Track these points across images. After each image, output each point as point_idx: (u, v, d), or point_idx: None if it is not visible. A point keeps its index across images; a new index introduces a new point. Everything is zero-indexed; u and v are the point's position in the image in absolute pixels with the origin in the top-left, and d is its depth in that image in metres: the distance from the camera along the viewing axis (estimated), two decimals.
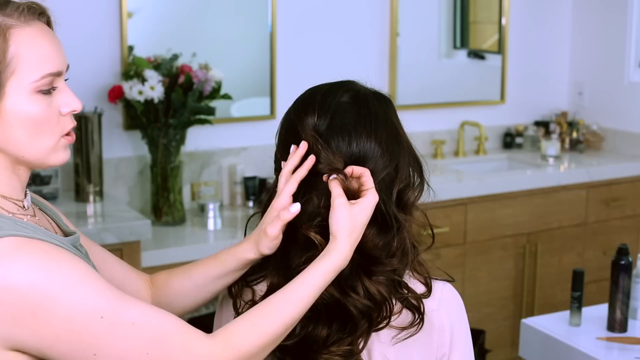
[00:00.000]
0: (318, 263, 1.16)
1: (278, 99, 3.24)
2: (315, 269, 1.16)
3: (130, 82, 2.73)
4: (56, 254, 1.05)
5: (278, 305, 1.14)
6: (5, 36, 1.07)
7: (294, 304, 1.14)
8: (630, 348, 2.01)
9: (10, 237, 1.04)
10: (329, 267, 1.16)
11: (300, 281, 1.16)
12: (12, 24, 1.08)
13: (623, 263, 2.09)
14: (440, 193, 1.43)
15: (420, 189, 1.28)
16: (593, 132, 3.90)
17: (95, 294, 1.04)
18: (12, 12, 1.09)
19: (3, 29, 1.07)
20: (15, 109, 1.08)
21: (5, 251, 1.02)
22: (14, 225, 1.07)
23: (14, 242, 1.03)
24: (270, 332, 1.12)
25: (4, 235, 1.04)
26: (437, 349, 1.27)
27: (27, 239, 1.05)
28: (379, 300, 1.22)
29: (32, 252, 1.03)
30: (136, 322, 1.05)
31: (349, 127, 1.23)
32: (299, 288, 1.15)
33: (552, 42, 4.02)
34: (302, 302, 1.14)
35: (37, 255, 1.03)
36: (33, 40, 1.09)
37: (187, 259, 2.66)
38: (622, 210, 3.63)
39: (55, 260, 1.04)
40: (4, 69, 1.07)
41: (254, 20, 3.23)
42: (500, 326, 3.41)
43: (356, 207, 1.18)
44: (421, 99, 3.71)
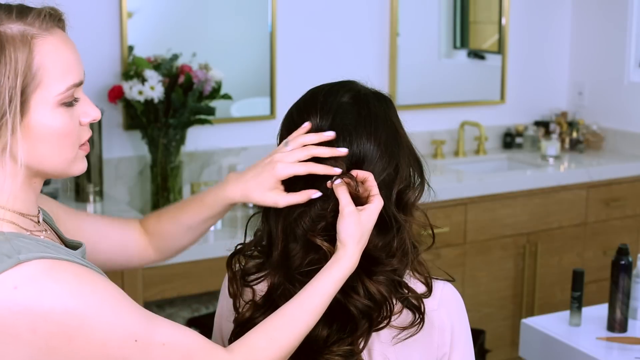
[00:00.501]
0: (328, 271, 1.17)
1: (278, 99, 3.24)
2: (326, 277, 1.17)
3: (130, 82, 2.73)
4: (87, 276, 1.02)
5: (293, 316, 1.14)
6: (30, 47, 1.03)
7: (308, 314, 1.15)
8: (630, 348, 2.01)
9: (38, 260, 1.00)
10: (339, 275, 1.17)
11: (311, 290, 1.16)
12: (35, 33, 1.04)
13: (623, 263, 2.09)
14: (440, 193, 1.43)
15: (420, 189, 1.29)
16: (593, 132, 3.90)
17: (129, 318, 1.03)
18: (34, 21, 1.04)
19: (27, 38, 1.03)
20: (40, 123, 1.04)
21: (36, 275, 0.98)
22: (37, 245, 1.03)
23: (44, 265, 0.99)
24: (287, 344, 1.13)
25: (32, 257, 0.99)
26: (438, 349, 1.27)
27: (55, 260, 1.01)
28: (379, 300, 1.22)
29: (64, 276, 1.00)
30: (166, 343, 1.05)
31: (350, 127, 1.23)
32: (312, 297, 1.16)
33: (552, 42, 4.02)
34: (315, 311, 1.16)
35: (69, 279, 1.00)
36: (56, 50, 1.05)
37: (187, 259, 2.67)
38: (622, 210, 3.63)
39: (89, 284, 1.01)
40: (29, 82, 1.02)
41: (254, 20, 3.23)
42: (500, 326, 3.41)
43: (363, 213, 1.19)
44: (421, 99, 3.71)
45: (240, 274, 1.31)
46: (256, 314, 1.26)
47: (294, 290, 1.22)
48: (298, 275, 1.22)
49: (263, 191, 1.24)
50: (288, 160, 1.23)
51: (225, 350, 1.11)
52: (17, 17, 1.04)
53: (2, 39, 1.01)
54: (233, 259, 1.33)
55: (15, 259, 0.98)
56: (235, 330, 1.28)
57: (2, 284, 0.97)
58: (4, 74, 1.01)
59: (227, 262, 1.33)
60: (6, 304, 0.96)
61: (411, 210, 1.26)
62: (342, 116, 1.24)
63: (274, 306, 1.24)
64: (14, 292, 0.96)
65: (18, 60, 1.01)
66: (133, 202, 3.01)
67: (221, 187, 1.33)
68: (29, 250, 1.00)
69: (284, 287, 1.23)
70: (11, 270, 0.97)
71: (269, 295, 1.26)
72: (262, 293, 1.28)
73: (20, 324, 0.96)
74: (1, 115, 1.01)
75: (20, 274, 0.97)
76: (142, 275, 2.56)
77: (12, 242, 1.01)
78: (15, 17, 1.03)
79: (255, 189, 1.26)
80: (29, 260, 0.99)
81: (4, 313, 0.96)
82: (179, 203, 1.43)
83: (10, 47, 1.01)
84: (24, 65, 1.02)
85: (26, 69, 1.02)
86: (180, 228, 1.39)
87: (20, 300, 0.96)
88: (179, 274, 2.68)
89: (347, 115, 1.24)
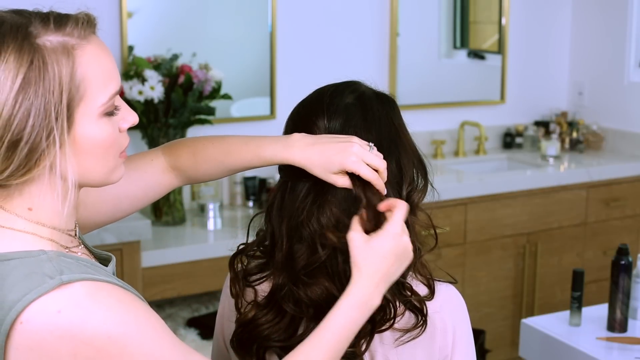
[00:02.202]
0: (338, 302, 1.13)
1: (278, 99, 3.24)
2: (337, 310, 1.13)
3: (130, 82, 2.73)
4: (130, 302, 1.00)
5: (306, 357, 1.10)
6: (73, 58, 0.98)
7: (322, 351, 1.10)
8: (630, 348, 2.01)
9: (81, 282, 0.97)
10: (349, 304, 1.12)
11: (324, 326, 1.12)
12: (75, 44, 0.99)
13: (623, 263, 2.09)
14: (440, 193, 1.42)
15: (424, 190, 1.28)
16: (593, 132, 3.90)
17: (167, 351, 1.01)
18: (72, 30, 1.00)
19: (69, 50, 0.98)
20: (85, 137, 1.00)
21: (79, 299, 0.95)
22: (77, 265, 1.00)
23: (87, 289, 0.97)
24: None
25: (75, 279, 0.97)
26: (440, 351, 1.27)
27: (98, 283, 0.98)
28: (382, 303, 1.21)
29: (108, 301, 0.97)
30: None
31: (356, 129, 1.23)
32: (324, 333, 1.11)
33: (552, 42, 4.02)
34: (329, 346, 1.11)
35: (113, 305, 0.97)
36: (96, 59, 1.01)
37: (187, 259, 2.67)
38: (622, 210, 3.63)
39: (133, 312, 0.99)
40: (74, 96, 0.98)
41: (254, 20, 3.23)
42: (500, 326, 3.41)
43: (374, 238, 1.15)
44: (421, 99, 3.71)
45: (242, 274, 1.31)
46: (258, 314, 1.26)
47: (298, 292, 1.22)
48: (302, 276, 1.22)
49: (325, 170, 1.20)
50: (364, 158, 1.19)
51: None
52: (56, 28, 0.99)
53: (44, 54, 0.97)
54: (235, 259, 1.33)
55: (58, 280, 0.96)
56: (238, 331, 1.28)
57: (45, 306, 0.95)
58: (49, 90, 0.96)
59: (229, 262, 1.33)
60: (49, 328, 0.94)
61: (415, 212, 1.26)
62: (348, 118, 1.24)
63: (277, 307, 1.24)
64: (58, 316, 0.94)
65: (62, 74, 0.97)
66: None
67: (285, 145, 1.24)
68: (71, 270, 0.98)
69: (288, 288, 1.23)
70: (54, 292, 0.95)
71: (272, 296, 1.26)
72: (264, 293, 1.28)
73: (61, 347, 0.95)
74: (48, 133, 0.97)
75: (63, 297, 0.95)
76: (142, 275, 2.57)
77: (54, 262, 0.98)
78: (53, 28, 0.99)
79: (318, 165, 1.20)
80: (71, 282, 0.96)
81: (46, 336, 0.94)
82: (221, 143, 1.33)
83: (52, 61, 0.97)
84: (68, 78, 0.98)
85: (70, 83, 0.98)
86: (220, 170, 1.33)
87: (64, 325, 0.94)
88: (179, 274, 2.68)
89: (352, 117, 1.24)
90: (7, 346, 0.96)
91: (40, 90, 0.96)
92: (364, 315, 1.13)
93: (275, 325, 1.25)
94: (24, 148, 0.97)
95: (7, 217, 1.02)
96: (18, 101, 0.95)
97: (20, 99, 0.95)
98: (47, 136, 0.97)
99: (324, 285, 1.21)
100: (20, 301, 0.94)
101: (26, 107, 0.96)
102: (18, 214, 1.02)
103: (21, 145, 0.96)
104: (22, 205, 1.02)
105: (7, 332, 0.95)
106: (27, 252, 0.99)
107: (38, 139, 0.97)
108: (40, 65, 0.96)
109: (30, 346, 0.95)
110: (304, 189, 1.23)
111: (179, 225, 2.88)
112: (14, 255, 0.99)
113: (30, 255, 0.99)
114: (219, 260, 2.66)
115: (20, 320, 0.94)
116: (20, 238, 1.01)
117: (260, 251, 1.32)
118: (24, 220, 1.02)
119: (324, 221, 1.21)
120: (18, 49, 0.96)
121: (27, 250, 0.99)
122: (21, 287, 0.95)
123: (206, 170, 1.34)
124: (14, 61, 0.96)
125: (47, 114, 0.96)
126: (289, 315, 1.24)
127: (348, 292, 1.13)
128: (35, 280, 0.96)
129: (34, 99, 0.96)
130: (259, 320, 1.25)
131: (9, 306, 0.95)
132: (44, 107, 0.96)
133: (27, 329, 0.94)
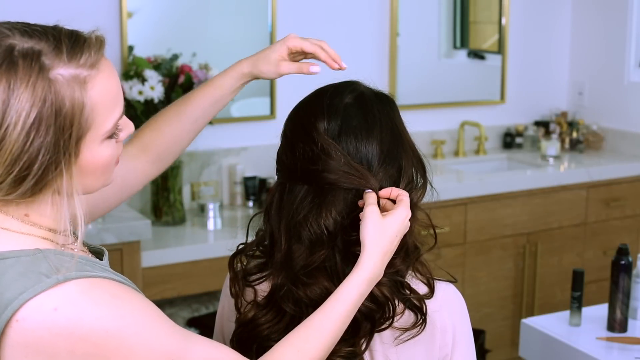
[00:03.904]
0: (350, 276, 1.17)
1: (278, 99, 3.24)
2: (349, 283, 1.16)
3: (130, 82, 2.73)
4: (125, 295, 1.02)
5: (318, 327, 1.13)
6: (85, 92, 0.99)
7: (333, 322, 1.14)
8: (630, 348, 2.01)
9: (77, 280, 0.98)
10: (361, 279, 1.16)
11: (336, 298, 1.15)
12: (87, 75, 1.00)
13: (623, 263, 2.09)
14: (440, 193, 1.42)
15: (423, 189, 1.29)
16: (593, 132, 3.90)
17: (165, 338, 1.02)
18: (86, 61, 1.00)
19: (81, 83, 0.99)
20: (89, 161, 1.02)
21: (75, 297, 0.97)
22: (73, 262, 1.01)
23: (83, 286, 0.98)
24: (315, 355, 1.12)
25: (71, 277, 0.98)
26: (439, 350, 1.27)
27: (93, 279, 1.00)
28: (382, 302, 1.22)
29: (103, 297, 0.99)
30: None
31: (355, 130, 1.23)
32: (336, 305, 1.15)
33: (552, 42, 4.02)
34: (341, 318, 1.15)
35: (108, 300, 0.99)
36: (106, 86, 1.02)
37: (187, 259, 2.67)
38: (622, 210, 3.63)
39: (128, 305, 1.00)
40: (83, 128, 0.99)
41: (254, 20, 3.23)
42: (500, 326, 3.41)
43: (387, 218, 1.19)
44: (421, 99, 3.71)
45: (242, 274, 1.31)
46: (258, 314, 1.26)
47: (297, 292, 1.22)
48: (302, 276, 1.22)
49: (269, 60, 1.37)
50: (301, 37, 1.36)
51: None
52: (69, 59, 0.99)
53: (57, 89, 0.97)
54: (235, 259, 1.33)
55: (55, 279, 0.97)
56: (237, 331, 1.28)
57: (42, 305, 0.95)
58: (60, 128, 0.97)
59: (229, 262, 1.33)
60: (46, 325, 0.95)
61: (414, 211, 1.26)
62: (348, 119, 1.24)
63: (277, 307, 1.24)
64: (54, 314, 0.95)
65: (74, 110, 0.98)
66: (133, 202, 3.01)
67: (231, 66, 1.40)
68: (66, 269, 0.99)
69: (287, 288, 1.23)
70: (50, 290, 0.96)
71: (272, 296, 1.26)
72: (264, 293, 1.28)
73: (59, 344, 0.96)
74: (56, 166, 0.98)
75: (59, 295, 0.96)
76: (142, 275, 2.57)
77: (50, 260, 0.99)
78: (66, 59, 0.99)
79: (263, 58, 1.38)
80: (67, 280, 0.98)
81: (43, 334, 0.95)
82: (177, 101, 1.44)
83: (65, 97, 0.97)
84: (79, 114, 0.99)
85: (79, 117, 0.99)
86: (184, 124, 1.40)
87: (60, 322, 0.95)
88: (179, 274, 2.68)
89: (352, 118, 1.24)
90: (3, 344, 0.96)
91: (52, 128, 0.97)
92: (369, 290, 1.18)
93: (275, 325, 1.25)
94: (31, 180, 0.98)
95: (3, 218, 1.03)
96: (30, 139, 0.96)
97: (32, 136, 0.96)
98: (55, 169, 0.98)
99: (323, 285, 1.22)
100: (16, 299, 0.95)
101: (37, 145, 0.96)
102: (14, 217, 1.03)
103: (29, 179, 0.98)
104: (19, 212, 1.03)
105: (2, 330, 0.95)
106: (22, 251, 1.00)
107: (46, 172, 0.98)
108: (53, 101, 0.97)
109: (26, 344, 0.96)
110: (302, 189, 1.23)
111: (179, 225, 2.89)
112: (10, 254, 0.99)
113: (26, 254, 1.00)
114: (219, 260, 2.66)
115: (16, 319, 0.95)
116: (16, 238, 1.02)
117: (260, 251, 1.32)
118: (19, 222, 1.03)
119: (323, 221, 1.21)
120: (32, 85, 0.96)
121: (22, 249, 1.00)
122: (17, 285, 0.96)
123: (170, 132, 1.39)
124: (28, 99, 0.96)
125: (57, 149, 0.98)
126: (289, 315, 1.24)
127: (360, 266, 1.17)
128: (31, 278, 0.97)
129: (45, 136, 0.97)
130: (259, 320, 1.25)
131: (5, 304, 0.95)
132: (53, 144, 0.97)
133: (24, 327, 0.95)
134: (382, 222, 1.18)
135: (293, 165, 1.24)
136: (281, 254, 1.24)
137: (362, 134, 1.23)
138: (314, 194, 1.23)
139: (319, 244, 1.21)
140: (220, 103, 1.43)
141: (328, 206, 1.21)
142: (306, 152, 1.23)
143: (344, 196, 1.22)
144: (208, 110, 1.42)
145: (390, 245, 1.18)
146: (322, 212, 1.21)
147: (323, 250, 1.21)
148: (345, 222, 1.22)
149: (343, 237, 1.22)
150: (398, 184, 1.25)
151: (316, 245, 1.21)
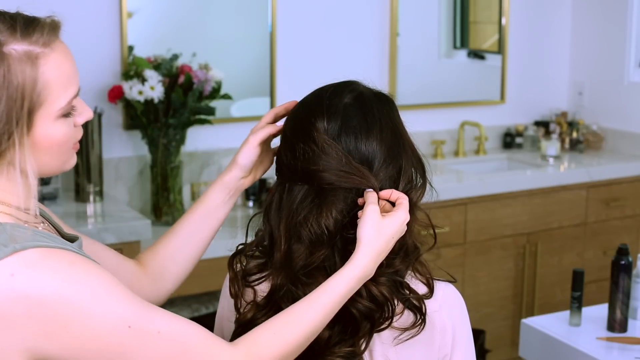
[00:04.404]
0: (342, 271, 1.17)
1: (278, 99, 3.24)
2: (338, 277, 1.17)
3: (130, 82, 2.73)
4: (82, 263, 1.05)
5: (300, 314, 1.14)
6: (37, 67, 1.05)
7: (316, 312, 1.15)
8: (630, 348, 2.01)
9: (34, 249, 1.02)
10: (352, 274, 1.17)
11: (323, 289, 1.16)
12: (39, 52, 1.06)
13: (623, 263, 2.09)
14: (440, 193, 1.42)
15: (422, 189, 1.29)
16: (593, 132, 3.90)
17: (123, 304, 1.05)
18: (38, 38, 1.06)
19: (33, 59, 1.05)
20: (43, 136, 1.08)
21: (32, 263, 1.01)
22: (34, 235, 1.06)
23: (40, 254, 1.02)
24: (292, 340, 1.13)
25: (29, 246, 1.02)
26: (439, 350, 1.27)
27: (50, 249, 1.04)
28: (381, 302, 1.22)
29: (60, 264, 1.02)
30: (162, 331, 1.06)
31: (355, 130, 1.23)
32: (322, 296, 1.16)
33: (552, 42, 4.02)
34: (325, 310, 1.15)
35: (64, 267, 1.02)
36: (59, 65, 1.08)
37: None
38: (622, 210, 3.63)
39: (83, 271, 1.04)
40: (35, 102, 1.05)
41: (254, 20, 3.23)
42: (500, 326, 3.41)
43: (386, 219, 1.19)
44: (421, 99, 3.71)
45: (241, 274, 1.31)
46: (258, 314, 1.26)
47: (297, 292, 1.22)
48: (301, 276, 1.22)
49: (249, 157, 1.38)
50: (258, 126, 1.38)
51: (229, 344, 1.11)
52: (22, 36, 1.05)
53: (9, 62, 1.04)
54: (234, 259, 1.33)
55: (12, 248, 1.01)
56: (237, 331, 1.28)
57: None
58: (12, 98, 1.03)
59: (228, 262, 1.33)
60: (3, 291, 0.99)
61: (413, 211, 1.26)
62: (347, 118, 1.24)
63: (276, 307, 1.24)
64: (11, 280, 0.99)
65: (25, 83, 1.04)
66: (133, 202, 3.01)
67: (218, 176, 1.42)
68: (25, 239, 1.03)
69: (287, 288, 1.23)
70: (8, 258, 1.00)
71: (271, 296, 1.26)
72: (264, 293, 1.28)
73: (16, 310, 0.99)
74: (8, 136, 1.04)
75: (16, 261, 1.00)
76: None
77: (9, 232, 1.03)
78: (20, 36, 1.05)
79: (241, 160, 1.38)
80: (25, 249, 1.02)
81: (1, 300, 0.99)
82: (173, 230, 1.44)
83: (17, 70, 1.04)
84: (31, 87, 1.04)
85: (32, 91, 1.05)
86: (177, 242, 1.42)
87: (17, 287, 0.99)
88: None
89: (352, 117, 1.24)
90: None
91: (4, 98, 1.03)
92: (357, 286, 1.18)
93: None
94: None
95: None
96: None
97: None
98: (8, 139, 1.04)
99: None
100: None
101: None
102: None
103: None
104: None
105: None
106: None
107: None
108: (5, 73, 1.03)
109: None
110: (302, 189, 1.23)
111: None
112: None
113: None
114: (219, 260, 2.65)
115: None
116: None
117: (260, 251, 1.32)
118: None
119: (324, 221, 1.21)
120: None
121: None
122: None
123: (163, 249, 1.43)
124: None
125: (9, 119, 1.03)
126: None
127: (353, 262, 1.17)
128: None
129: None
130: (259, 321, 1.25)
131: None
132: (6, 113, 1.03)
133: None
134: (381, 222, 1.18)
135: (293, 165, 1.24)
136: (281, 254, 1.24)
137: (362, 133, 1.23)
138: (314, 194, 1.23)
139: (319, 244, 1.21)
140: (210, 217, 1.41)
141: (329, 206, 1.21)
142: (306, 152, 1.23)
143: (345, 196, 1.22)
144: (198, 225, 1.41)
145: (385, 246, 1.19)
146: (322, 212, 1.21)
147: (323, 250, 1.21)
148: (345, 221, 1.22)
149: (342, 235, 1.22)
150: (398, 183, 1.25)
151: (316, 245, 1.21)
